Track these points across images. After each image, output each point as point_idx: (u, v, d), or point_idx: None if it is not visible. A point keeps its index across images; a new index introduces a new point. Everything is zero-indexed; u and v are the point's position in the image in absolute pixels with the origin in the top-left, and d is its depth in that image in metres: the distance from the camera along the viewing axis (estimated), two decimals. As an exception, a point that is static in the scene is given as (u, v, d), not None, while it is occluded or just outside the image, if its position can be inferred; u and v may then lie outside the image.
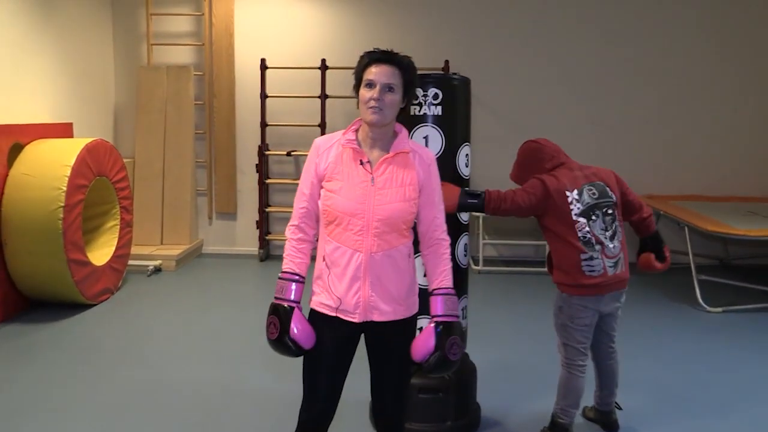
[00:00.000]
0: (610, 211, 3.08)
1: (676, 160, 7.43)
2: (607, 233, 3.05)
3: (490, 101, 7.28)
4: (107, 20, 7.38)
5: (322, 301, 2.31)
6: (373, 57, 2.27)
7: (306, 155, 7.36)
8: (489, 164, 7.24)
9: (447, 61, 7.10)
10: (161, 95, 7.28)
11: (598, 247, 3.02)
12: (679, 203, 6.77)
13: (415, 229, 2.39)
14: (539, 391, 3.84)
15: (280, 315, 2.25)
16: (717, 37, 7.26)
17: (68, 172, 5.07)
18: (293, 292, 2.29)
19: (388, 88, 2.23)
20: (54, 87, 6.22)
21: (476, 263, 7.01)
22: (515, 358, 4.50)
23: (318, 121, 7.19)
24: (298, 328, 2.25)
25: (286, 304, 2.27)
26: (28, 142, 5.38)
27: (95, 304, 5.51)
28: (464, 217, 3.27)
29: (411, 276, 2.38)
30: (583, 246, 3.00)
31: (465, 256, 3.32)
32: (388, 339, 2.36)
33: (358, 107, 2.32)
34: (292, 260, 2.33)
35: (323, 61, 7.08)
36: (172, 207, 7.25)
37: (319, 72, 7.12)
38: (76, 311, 5.33)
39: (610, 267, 3.04)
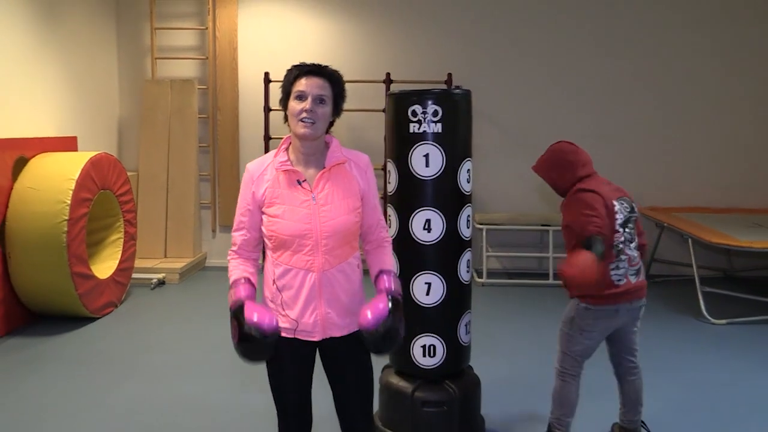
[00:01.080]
0: (632, 226, 3.11)
1: (680, 172, 7.42)
2: (631, 244, 3.07)
3: (494, 114, 7.30)
4: (112, 34, 7.43)
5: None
6: (303, 69, 2.23)
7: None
8: (492, 178, 7.27)
9: (450, 74, 7.12)
10: (165, 109, 7.32)
11: (624, 257, 3.05)
12: (683, 215, 6.76)
13: None
14: (544, 404, 3.81)
15: (236, 315, 2.17)
16: (721, 49, 7.28)
17: (72, 185, 5.09)
18: (242, 291, 2.25)
19: (320, 99, 2.21)
20: (58, 101, 6.25)
21: (480, 275, 7.00)
22: (519, 371, 4.48)
23: (321, 134, 7.20)
24: (255, 314, 2.14)
25: (237, 304, 2.21)
26: (33, 156, 5.41)
27: (99, 317, 5.51)
28: (466, 233, 3.26)
29: (361, 286, 2.39)
30: (615, 255, 3.02)
31: (467, 272, 3.31)
32: (346, 354, 2.35)
33: (285, 122, 2.29)
34: (235, 269, 2.34)
35: (326, 74, 7.08)
36: (176, 220, 7.27)
37: (322, 85, 7.13)
38: (79, 324, 5.33)
39: (632, 275, 3.07)
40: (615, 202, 3.05)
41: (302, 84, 2.20)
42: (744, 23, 7.25)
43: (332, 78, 2.25)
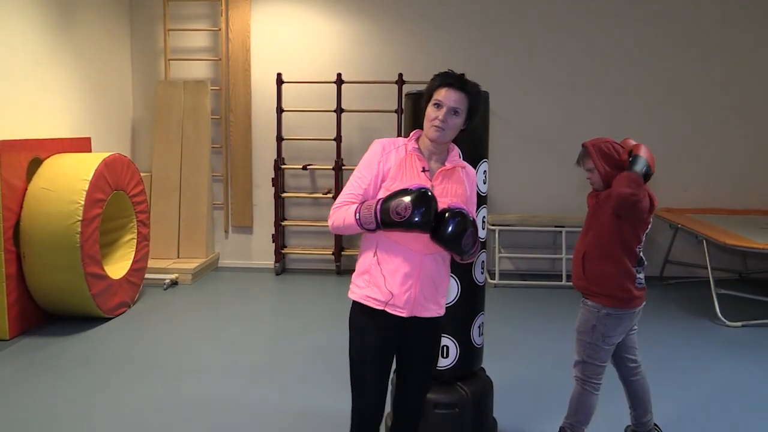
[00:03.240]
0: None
1: (694, 173, 7.38)
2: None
3: (505, 114, 7.28)
4: (125, 36, 7.47)
5: (369, 294, 2.41)
6: (446, 80, 2.42)
7: (322, 169, 7.30)
8: (504, 178, 7.24)
9: (462, 75, 7.09)
10: (178, 110, 7.34)
11: (645, 263, 3.12)
12: (697, 216, 6.71)
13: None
14: (556, 407, 3.79)
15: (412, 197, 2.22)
16: (735, 51, 7.22)
17: (86, 186, 5.11)
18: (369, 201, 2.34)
19: (454, 111, 2.37)
20: (72, 102, 6.29)
21: (492, 277, 6.98)
22: (532, 373, 4.47)
23: (334, 134, 7.21)
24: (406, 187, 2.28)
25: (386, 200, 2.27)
26: (47, 157, 5.44)
27: (112, 318, 5.54)
28: (482, 234, 3.24)
29: (448, 278, 2.55)
30: (637, 263, 3.07)
31: (482, 273, 3.30)
32: (421, 337, 2.48)
33: (422, 121, 2.44)
34: (348, 208, 2.37)
35: (339, 75, 7.10)
36: (189, 221, 7.29)
37: (334, 86, 7.15)
38: (93, 324, 5.35)
39: (645, 280, 3.14)
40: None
41: (441, 94, 2.39)
42: (758, 23, 7.19)
43: (471, 92, 2.42)
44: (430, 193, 2.25)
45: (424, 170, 2.39)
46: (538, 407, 3.90)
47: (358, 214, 2.31)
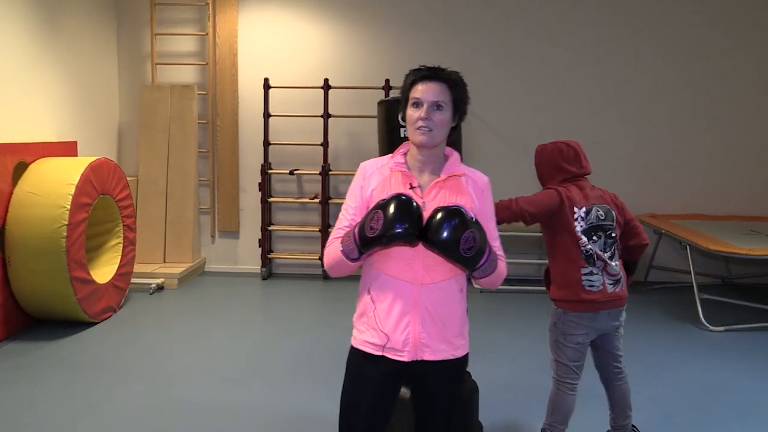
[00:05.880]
0: (612, 234, 3.10)
1: (678, 179, 7.44)
2: (606, 253, 3.07)
3: (490, 119, 7.32)
4: (112, 40, 7.45)
5: (366, 339, 2.16)
6: (419, 75, 2.15)
7: (308, 174, 7.32)
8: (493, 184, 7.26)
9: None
10: (165, 114, 7.33)
11: (599, 263, 3.04)
12: (681, 222, 6.78)
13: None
14: (541, 410, 3.82)
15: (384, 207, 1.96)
16: (718, 56, 7.30)
17: (72, 190, 5.10)
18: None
19: (436, 106, 2.10)
20: (59, 106, 6.27)
21: (478, 282, 7.00)
22: (517, 377, 4.49)
23: (320, 140, 7.23)
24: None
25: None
26: (33, 161, 5.42)
27: (98, 322, 5.52)
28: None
29: (462, 313, 2.22)
30: (584, 262, 3.03)
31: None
32: (434, 383, 2.19)
33: (404, 128, 2.23)
34: (338, 240, 2.14)
35: (326, 80, 7.12)
36: (175, 225, 7.27)
37: (321, 91, 7.17)
38: (78, 329, 5.33)
39: (610, 284, 3.06)
40: (582, 209, 3.05)
41: (418, 91, 2.12)
42: (742, 30, 7.28)
43: (450, 81, 2.15)
44: (404, 197, 1.96)
45: (412, 187, 2.11)
46: (523, 410, 3.93)
47: (342, 245, 2.06)
